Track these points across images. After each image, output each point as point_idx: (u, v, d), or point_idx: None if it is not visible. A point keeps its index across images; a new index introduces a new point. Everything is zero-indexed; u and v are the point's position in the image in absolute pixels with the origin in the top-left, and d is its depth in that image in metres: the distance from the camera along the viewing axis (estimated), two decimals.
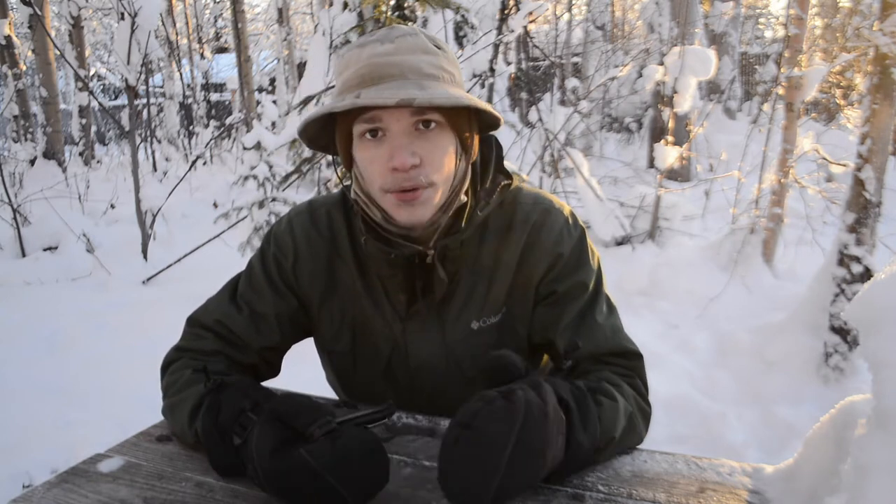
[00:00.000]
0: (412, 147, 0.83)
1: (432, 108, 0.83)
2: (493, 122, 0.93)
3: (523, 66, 8.11)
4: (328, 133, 0.92)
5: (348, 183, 0.98)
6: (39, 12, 7.32)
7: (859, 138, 2.81)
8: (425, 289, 0.95)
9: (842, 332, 2.87)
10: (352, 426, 0.74)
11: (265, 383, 1.05)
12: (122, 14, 4.46)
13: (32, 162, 8.18)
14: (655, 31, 8.26)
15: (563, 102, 6.46)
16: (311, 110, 0.89)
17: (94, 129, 11.10)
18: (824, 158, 3.88)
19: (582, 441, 0.75)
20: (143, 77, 9.42)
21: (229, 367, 0.96)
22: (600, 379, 0.88)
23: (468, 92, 0.92)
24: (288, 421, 0.73)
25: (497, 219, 0.97)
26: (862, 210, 2.80)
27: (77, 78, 8.87)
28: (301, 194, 4.92)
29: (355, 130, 0.86)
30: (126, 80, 4.66)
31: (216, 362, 0.95)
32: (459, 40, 5.13)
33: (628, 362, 0.92)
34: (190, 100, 12.48)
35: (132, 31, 4.44)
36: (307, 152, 4.32)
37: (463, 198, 0.92)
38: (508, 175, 0.98)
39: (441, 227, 0.90)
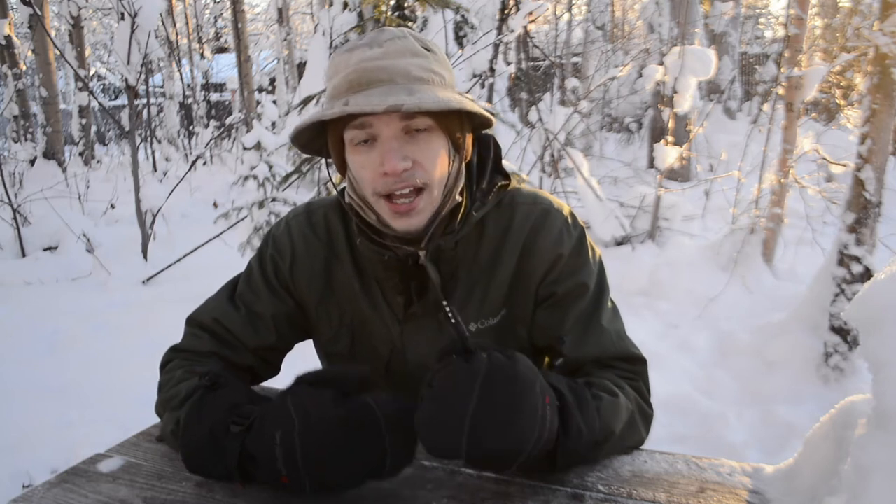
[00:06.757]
0: (403, 151, 0.83)
1: (422, 113, 0.83)
2: (486, 122, 0.93)
3: (523, 66, 8.10)
4: (321, 138, 0.92)
5: (343, 186, 0.98)
6: (39, 12, 7.32)
7: (859, 138, 2.81)
8: (421, 291, 0.95)
9: (842, 332, 2.87)
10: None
11: (266, 383, 1.06)
12: (122, 14, 4.46)
13: (32, 162, 8.19)
14: (655, 31, 8.26)
15: (563, 102, 6.45)
16: (303, 117, 0.88)
17: (94, 129, 11.11)
18: (824, 158, 3.88)
19: (581, 427, 0.75)
20: (143, 77, 9.42)
21: (224, 369, 0.96)
22: (602, 378, 0.88)
23: (467, 92, 0.92)
24: (325, 383, 0.76)
25: (495, 219, 0.96)
26: (862, 210, 2.80)
27: (77, 78, 8.87)
28: (301, 194, 4.91)
29: (346, 136, 0.86)
30: (126, 80, 4.67)
31: (211, 363, 0.94)
32: (459, 40, 5.12)
33: (633, 367, 0.92)
34: (190, 100, 12.49)
35: (132, 31, 4.45)
36: None
37: (457, 198, 0.92)
38: (506, 175, 0.98)
39: (435, 228, 0.90)
